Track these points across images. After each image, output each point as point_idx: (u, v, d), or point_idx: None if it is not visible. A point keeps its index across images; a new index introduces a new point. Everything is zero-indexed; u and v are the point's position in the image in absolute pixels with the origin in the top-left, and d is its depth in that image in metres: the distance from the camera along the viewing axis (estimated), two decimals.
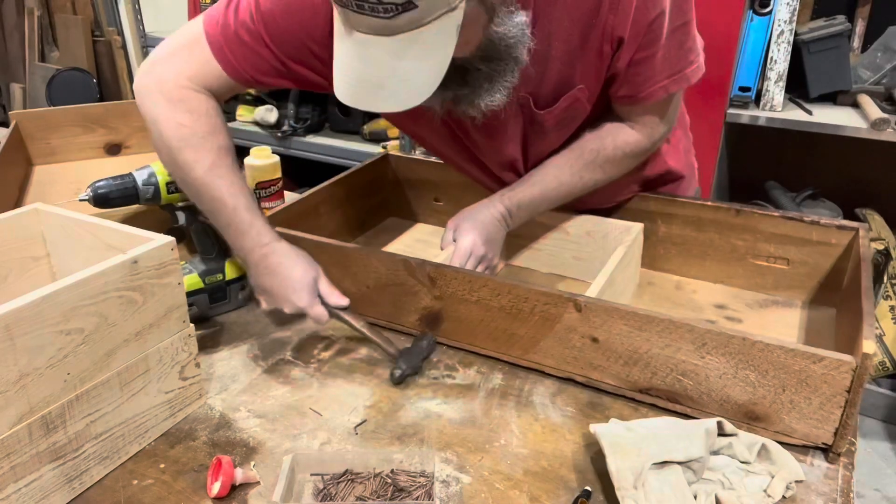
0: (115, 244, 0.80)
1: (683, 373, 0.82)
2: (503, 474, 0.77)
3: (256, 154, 1.22)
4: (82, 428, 0.72)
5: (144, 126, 1.71)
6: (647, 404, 0.86)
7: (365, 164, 1.33)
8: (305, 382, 0.92)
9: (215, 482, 0.74)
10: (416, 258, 0.95)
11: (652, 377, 0.84)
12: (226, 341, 1.02)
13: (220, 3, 0.94)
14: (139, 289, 0.75)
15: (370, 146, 2.57)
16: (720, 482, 0.72)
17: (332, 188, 1.22)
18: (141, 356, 0.77)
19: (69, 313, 0.68)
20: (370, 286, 1.00)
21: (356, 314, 0.95)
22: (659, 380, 0.84)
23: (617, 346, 0.85)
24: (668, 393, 0.84)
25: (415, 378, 0.92)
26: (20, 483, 0.67)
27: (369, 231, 1.35)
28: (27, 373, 0.65)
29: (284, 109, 2.72)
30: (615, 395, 0.88)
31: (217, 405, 0.88)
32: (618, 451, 0.72)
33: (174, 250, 0.79)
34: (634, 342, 0.83)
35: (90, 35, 3.88)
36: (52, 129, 1.59)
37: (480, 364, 0.95)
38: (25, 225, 0.88)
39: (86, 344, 0.71)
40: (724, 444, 0.76)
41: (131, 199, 0.97)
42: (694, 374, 0.81)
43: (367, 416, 0.86)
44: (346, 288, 0.96)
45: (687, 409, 0.83)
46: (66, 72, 3.75)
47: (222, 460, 0.74)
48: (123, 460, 0.79)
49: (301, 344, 1.01)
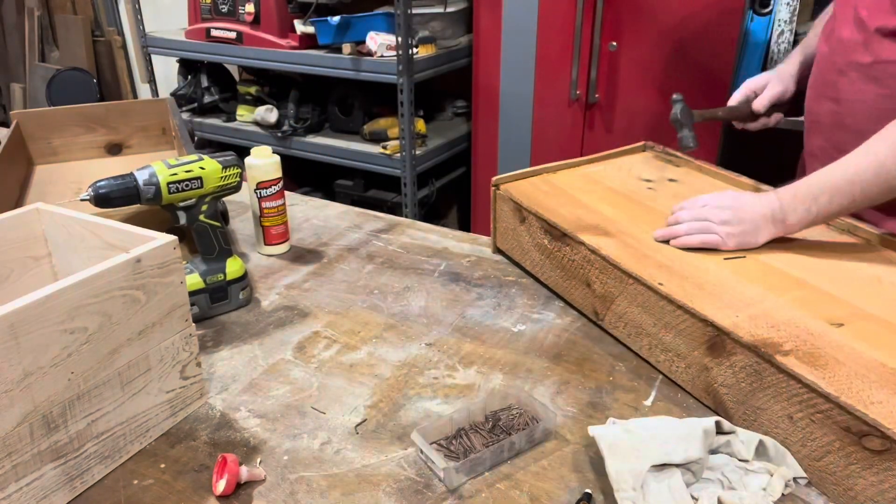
0: (116, 243, 0.81)
1: None
2: (503, 473, 0.77)
3: (257, 154, 1.23)
4: (83, 427, 0.73)
5: (145, 126, 1.71)
6: (648, 405, 0.87)
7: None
8: (306, 382, 0.93)
9: (220, 480, 0.74)
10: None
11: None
12: (226, 341, 1.02)
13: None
14: (142, 287, 0.76)
15: (370, 146, 2.58)
16: (720, 481, 0.73)
17: None
18: (143, 355, 0.78)
19: (73, 312, 0.68)
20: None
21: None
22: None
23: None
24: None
25: (415, 378, 0.93)
26: (21, 482, 0.68)
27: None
28: (31, 371, 0.66)
29: (284, 109, 2.73)
30: (615, 396, 0.89)
31: (217, 405, 0.88)
32: (616, 453, 0.72)
33: (176, 249, 0.79)
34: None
35: (90, 35, 3.89)
36: (52, 128, 1.59)
37: (481, 364, 0.96)
38: (27, 224, 0.88)
39: (90, 343, 0.71)
40: (723, 441, 0.76)
41: (132, 198, 0.97)
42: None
43: (367, 416, 0.86)
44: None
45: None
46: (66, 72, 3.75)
47: (227, 458, 0.74)
48: (124, 460, 0.79)
49: (301, 344, 1.01)
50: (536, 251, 1.15)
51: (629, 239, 1.03)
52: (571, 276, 1.07)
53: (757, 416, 0.79)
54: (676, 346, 0.89)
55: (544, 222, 1.10)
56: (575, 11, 2.14)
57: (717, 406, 0.85)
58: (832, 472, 0.72)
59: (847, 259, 0.97)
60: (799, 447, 0.75)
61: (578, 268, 1.05)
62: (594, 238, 1.03)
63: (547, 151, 2.38)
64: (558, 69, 2.26)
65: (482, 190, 2.58)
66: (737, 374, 0.81)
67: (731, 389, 0.82)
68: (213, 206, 1.05)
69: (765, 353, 0.77)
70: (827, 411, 0.71)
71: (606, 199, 1.18)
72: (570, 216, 1.10)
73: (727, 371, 0.82)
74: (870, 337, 0.79)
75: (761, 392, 0.78)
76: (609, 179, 1.26)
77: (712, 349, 0.83)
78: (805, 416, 0.73)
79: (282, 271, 1.23)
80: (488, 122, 2.47)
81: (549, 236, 1.10)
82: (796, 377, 0.73)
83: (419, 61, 2.40)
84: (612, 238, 1.03)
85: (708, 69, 2.01)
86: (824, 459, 0.72)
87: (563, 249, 1.08)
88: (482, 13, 2.35)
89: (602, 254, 0.99)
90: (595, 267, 1.01)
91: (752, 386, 0.79)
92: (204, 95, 2.94)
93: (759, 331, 0.80)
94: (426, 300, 1.12)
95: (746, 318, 0.83)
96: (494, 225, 1.26)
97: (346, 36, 2.42)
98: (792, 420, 0.75)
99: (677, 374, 0.90)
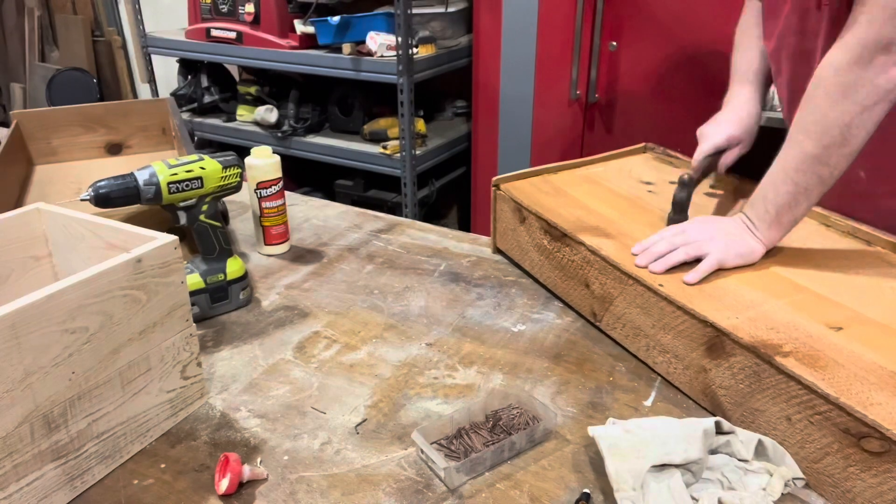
0: (117, 243, 0.81)
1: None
2: (503, 473, 0.77)
3: (257, 154, 1.23)
4: (84, 427, 0.73)
5: (145, 126, 1.71)
6: (648, 405, 0.87)
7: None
8: (306, 382, 0.93)
9: (223, 479, 0.74)
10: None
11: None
12: (227, 341, 1.02)
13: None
14: (143, 287, 0.76)
15: (370, 146, 2.58)
16: (719, 482, 0.73)
17: None
18: (143, 355, 0.78)
19: (74, 312, 0.68)
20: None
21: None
22: None
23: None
24: None
25: (415, 378, 0.93)
26: (22, 482, 0.68)
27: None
28: (33, 371, 0.66)
29: (284, 109, 2.73)
30: (615, 396, 0.89)
31: (218, 405, 0.88)
32: (616, 453, 0.73)
33: (177, 249, 0.79)
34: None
35: (90, 35, 3.89)
36: (52, 128, 1.59)
37: (481, 364, 0.96)
38: (27, 224, 0.88)
39: (91, 343, 0.71)
40: (723, 441, 0.76)
41: (132, 198, 0.97)
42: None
43: (367, 416, 0.86)
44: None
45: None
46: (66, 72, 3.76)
47: (230, 457, 0.74)
48: (124, 460, 0.79)
49: (301, 344, 1.01)
50: (536, 251, 1.15)
51: (629, 240, 1.03)
52: (570, 276, 1.07)
53: (755, 417, 0.79)
54: (675, 347, 0.89)
55: (544, 222, 1.10)
56: (575, 11, 2.14)
57: (714, 408, 0.85)
58: (831, 475, 0.72)
59: (846, 263, 0.97)
60: (797, 449, 0.75)
61: (577, 268, 1.05)
62: (594, 239, 1.03)
63: (547, 151, 2.38)
64: (558, 69, 2.26)
65: (482, 190, 2.59)
66: (735, 375, 0.81)
67: (729, 391, 0.82)
68: (214, 206, 1.05)
69: (764, 355, 0.77)
70: (826, 413, 0.71)
71: (607, 200, 1.18)
72: (571, 217, 1.11)
73: (725, 372, 0.82)
74: (869, 340, 0.79)
75: (760, 394, 0.78)
76: (609, 181, 1.26)
77: (711, 350, 0.84)
78: (804, 417, 0.73)
79: (282, 271, 1.23)
80: (488, 122, 2.47)
81: (549, 236, 1.10)
82: (796, 378, 0.73)
83: (419, 61, 2.40)
84: (612, 239, 1.03)
85: (708, 69, 2.01)
86: (823, 461, 0.72)
87: (562, 250, 1.08)
88: (482, 13, 2.35)
89: (602, 254, 0.99)
90: (594, 268, 1.01)
91: (750, 387, 0.79)
92: (204, 95, 2.94)
93: (758, 332, 0.80)
94: (426, 300, 1.12)
95: (746, 319, 0.83)
96: (494, 225, 1.26)
97: (346, 36, 2.42)
98: (790, 422, 0.75)
99: (675, 376, 0.90)
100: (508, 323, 1.06)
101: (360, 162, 2.58)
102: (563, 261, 1.08)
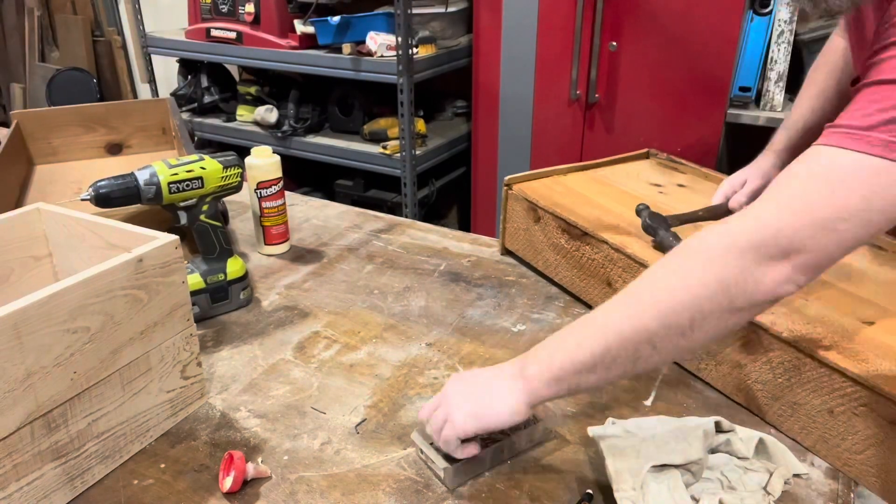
0: (117, 243, 0.81)
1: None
2: (504, 474, 0.77)
3: (257, 154, 1.23)
4: (84, 427, 0.73)
5: (145, 126, 1.71)
6: (648, 405, 0.87)
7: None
8: (305, 382, 0.93)
9: (227, 477, 0.74)
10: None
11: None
12: (227, 341, 1.02)
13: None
14: (144, 287, 0.76)
15: (370, 146, 2.58)
16: (719, 481, 0.73)
17: None
18: (144, 355, 0.78)
19: (76, 311, 0.68)
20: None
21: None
22: None
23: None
24: None
25: (415, 378, 0.93)
26: (22, 482, 0.68)
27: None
28: (34, 371, 0.66)
29: (284, 109, 2.73)
30: (615, 396, 0.89)
31: (218, 405, 0.89)
32: (616, 453, 0.73)
33: (178, 249, 0.79)
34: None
35: (90, 35, 3.89)
36: (52, 128, 1.59)
37: (481, 364, 0.96)
38: (27, 224, 0.88)
39: (92, 342, 0.71)
40: (722, 440, 0.76)
41: (133, 198, 0.97)
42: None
43: (367, 416, 0.86)
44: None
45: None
46: (66, 72, 3.75)
47: (234, 455, 0.74)
48: (124, 460, 0.79)
49: (301, 344, 1.01)
50: (551, 251, 1.15)
51: (650, 239, 1.04)
52: (590, 275, 1.07)
53: (794, 411, 0.80)
54: (707, 344, 0.89)
55: (562, 221, 1.11)
56: (575, 11, 2.14)
57: (748, 403, 0.86)
58: (874, 465, 0.72)
59: (866, 263, 0.99)
60: (838, 441, 0.75)
61: (599, 267, 1.05)
62: (617, 237, 1.03)
63: (547, 151, 2.38)
64: (558, 69, 2.26)
65: (482, 190, 2.58)
66: (774, 369, 0.81)
67: (767, 385, 0.83)
68: (214, 206, 1.05)
69: (806, 348, 0.77)
70: (871, 404, 0.71)
71: (620, 200, 1.18)
72: (589, 216, 1.11)
73: (763, 367, 0.83)
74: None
75: (800, 387, 0.79)
76: (619, 182, 1.27)
77: (746, 346, 0.84)
78: (847, 409, 0.74)
79: (282, 271, 1.23)
80: (488, 122, 2.47)
81: (567, 235, 1.10)
82: (840, 371, 0.74)
83: (419, 61, 2.40)
84: (633, 237, 1.04)
85: (708, 69, 2.01)
86: (866, 453, 0.73)
87: (581, 249, 1.08)
88: (482, 13, 2.35)
89: (627, 252, 0.99)
90: (618, 266, 1.01)
91: (789, 381, 0.80)
92: (204, 95, 2.94)
93: (796, 327, 0.82)
94: (426, 300, 1.12)
95: (781, 315, 0.84)
96: (504, 225, 1.26)
97: (346, 36, 2.42)
98: (832, 414, 0.75)
99: (706, 373, 0.91)
100: (508, 323, 1.06)
101: (360, 162, 2.58)
102: (583, 259, 1.08)
